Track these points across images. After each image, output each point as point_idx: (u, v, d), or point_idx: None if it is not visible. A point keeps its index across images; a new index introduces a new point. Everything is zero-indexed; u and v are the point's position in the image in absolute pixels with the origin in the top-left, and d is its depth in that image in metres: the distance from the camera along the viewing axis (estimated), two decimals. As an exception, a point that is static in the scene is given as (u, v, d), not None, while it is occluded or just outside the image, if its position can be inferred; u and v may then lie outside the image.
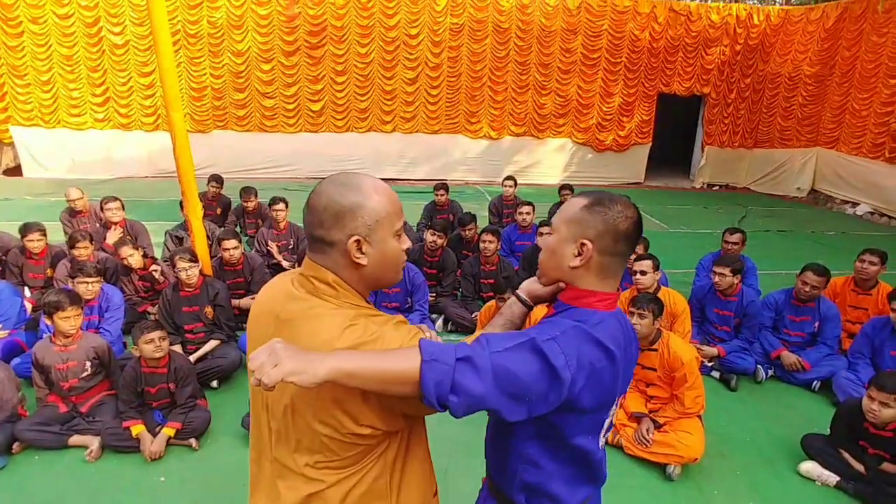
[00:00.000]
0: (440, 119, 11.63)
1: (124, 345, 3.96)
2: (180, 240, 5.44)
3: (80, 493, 2.75)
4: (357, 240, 1.07)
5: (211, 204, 6.83)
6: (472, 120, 11.74)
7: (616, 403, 1.26)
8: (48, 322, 3.21)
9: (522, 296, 1.34)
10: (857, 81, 10.21)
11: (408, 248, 1.18)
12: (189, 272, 3.78)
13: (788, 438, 3.34)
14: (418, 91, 11.39)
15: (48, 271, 4.60)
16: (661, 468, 3.02)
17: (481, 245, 4.89)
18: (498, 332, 1.14)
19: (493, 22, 11.11)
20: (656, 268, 3.93)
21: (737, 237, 4.85)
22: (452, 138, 11.82)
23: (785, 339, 4.20)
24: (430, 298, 4.89)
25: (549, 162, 12.21)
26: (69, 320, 3.09)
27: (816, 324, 4.13)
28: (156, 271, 4.56)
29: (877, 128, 9.79)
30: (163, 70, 3.64)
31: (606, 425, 1.26)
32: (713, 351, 4.10)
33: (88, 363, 3.19)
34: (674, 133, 13.54)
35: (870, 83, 9.96)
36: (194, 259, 3.85)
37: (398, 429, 1.16)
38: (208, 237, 4.88)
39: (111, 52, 10.38)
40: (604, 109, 11.88)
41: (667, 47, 11.57)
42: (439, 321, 4.82)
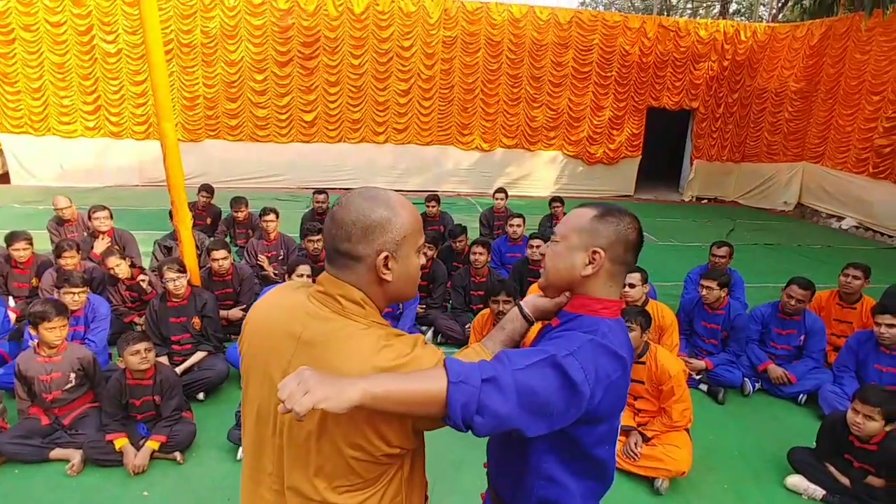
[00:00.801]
0: (432, 130, 11.69)
1: (110, 356, 3.91)
2: (169, 249, 5.40)
3: (60, 508, 2.70)
4: (386, 255, 1.06)
5: (201, 214, 6.80)
6: (464, 132, 11.81)
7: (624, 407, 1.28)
8: (33, 332, 3.16)
9: (526, 311, 1.32)
10: (842, 98, 10.41)
11: (422, 264, 1.18)
12: (177, 282, 3.76)
13: (775, 452, 3.36)
14: (411, 102, 11.45)
15: (33, 281, 4.55)
16: (648, 482, 3.02)
17: (472, 257, 4.90)
18: (510, 350, 1.12)
19: (486, 35, 11.23)
20: (645, 280, 3.97)
21: (724, 251, 4.91)
22: (444, 150, 11.87)
23: (771, 353, 4.24)
24: (420, 310, 4.89)
25: (540, 174, 12.29)
26: (55, 331, 3.05)
27: (802, 337, 4.18)
28: (143, 281, 4.52)
29: (861, 143, 9.97)
30: (155, 80, 3.64)
31: (618, 431, 1.29)
32: (701, 364, 4.12)
33: (73, 374, 3.15)
34: (663, 147, 13.69)
35: (854, 99, 10.16)
36: (182, 269, 3.82)
37: (418, 445, 1.16)
38: (197, 247, 4.86)
39: (103, 60, 10.34)
40: (594, 123, 12.01)
41: (656, 62, 11.74)
42: (429, 333, 4.81)
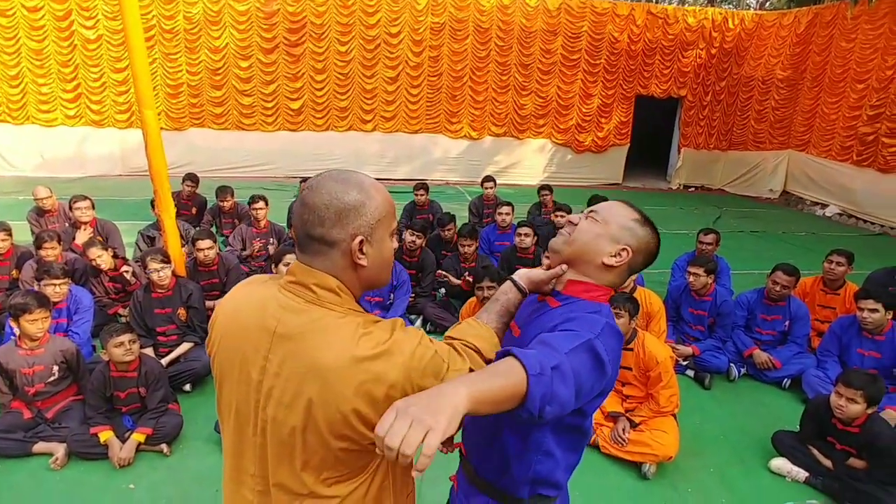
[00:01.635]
0: (421, 118, 11.60)
1: (94, 348, 3.86)
2: (152, 240, 5.32)
3: (44, 502, 2.66)
4: (361, 239, 1.04)
5: (186, 203, 6.70)
6: (453, 120, 11.73)
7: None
8: (14, 325, 3.10)
9: (520, 283, 1.32)
10: (827, 86, 10.48)
11: (395, 248, 1.17)
12: (161, 273, 3.70)
13: (760, 435, 3.41)
14: (399, 90, 11.34)
15: (13, 272, 4.45)
16: (636, 467, 3.06)
17: (459, 248, 4.89)
18: (548, 335, 1.11)
19: (474, 22, 11.12)
20: (632, 268, 3.97)
21: (711, 238, 4.94)
22: (433, 138, 11.79)
23: (757, 338, 4.29)
24: (410, 299, 4.87)
25: (529, 162, 12.27)
26: (36, 323, 3.00)
27: (787, 323, 4.23)
28: (127, 272, 4.45)
29: (845, 131, 10.07)
30: (135, 66, 3.54)
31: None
32: (688, 350, 4.16)
33: (56, 367, 3.10)
34: (651, 135, 13.73)
35: (839, 87, 10.23)
36: (166, 259, 3.76)
37: None
38: (182, 237, 4.79)
39: (83, 46, 10.09)
40: (583, 111, 11.99)
41: (645, 50, 11.72)
42: (418, 322, 4.80)
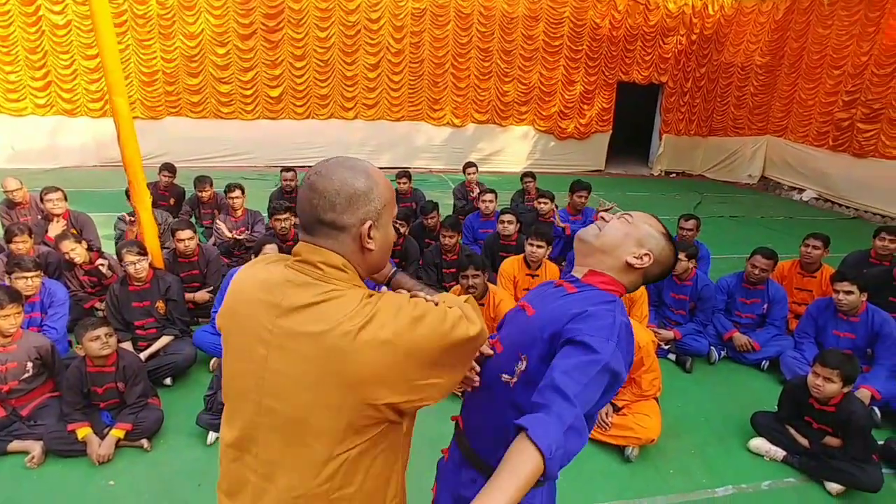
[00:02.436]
0: (403, 106, 11.48)
1: (70, 343, 3.77)
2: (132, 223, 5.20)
3: (21, 501, 2.60)
4: (370, 224, 1.07)
5: (163, 194, 6.55)
6: (436, 107, 11.63)
7: None
8: (-16, 321, 3.01)
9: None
10: (804, 72, 10.61)
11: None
12: (137, 266, 3.61)
13: (739, 416, 3.48)
14: (380, 77, 11.19)
15: (-17, 267, 4.32)
16: (619, 450, 3.10)
17: (441, 240, 4.85)
18: (561, 365, 1.13)
19: (456, 7, 10.99)
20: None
21: (691, 223, 4.99)
22: (415, 125, 11.68)
23: (736, 322, 4.36)
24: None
25: (512, 150, 12.25)
26: (9, 318, 2.92)
27: (765, 306, 4.31)
28: (102, 265, 4.34)
29: (821, 117, 10.21)
30: (104, 52, 3.43)
31: None
32: (669, 334, 4.21)
33: (30, 364, 3.02)
34: (633, 121, 13.79)
35: (815, 74, 10.36)
36: (143, 252, 3.68)
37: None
38: (160, 227, 4.69)
39: (52, 32, 9.74)
40: (565, 97, 11.98)
41: (626, 36, 11.72)
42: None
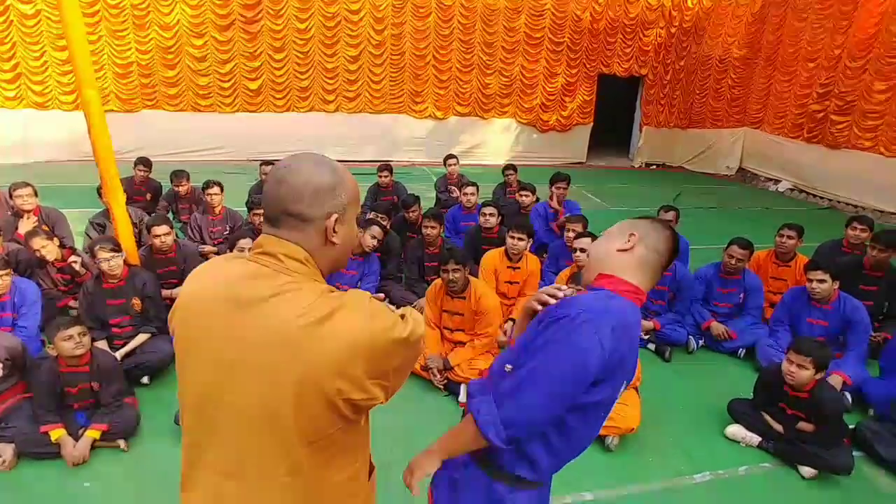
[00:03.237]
0: (384, 98, 11.37)
1: (43, 343, 3.68)
2: (103, 227, 5.08)
3: (-7, 504, 2.55)
4: (336, 217, 1.08)
5: (139, 189, 6.42)
6: (418, 100, 11.55)
7: None
8: (-50, 322, 2.92)
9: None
10: (780, 64, 10.77)
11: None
12: (112, 263, 3.53)
13: (716, 404, 3.54)
14: (361, 69, 11.07)
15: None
16: (600, 440, 3.13)
17: (423, 231, 4.84)
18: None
19: (436, -1, 10.91)
20: (595, 245, 4.02)
21: (670, 215, 5.05)
22: (397, 118, 11.60)
23: (714, 311, 4.44)
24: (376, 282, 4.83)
25: (494, 142, 12.23)
26: (-25, 319, 2.84)
27: (742, 295, 4.39)
28: (75, 263, 4.24)
29: (796, 109, 10.39)
30: (72, 42, 3.32)
31: None
32: (649, 325, 4.26)
33: (0, 365, 2.95)
34: (614, 114, 13.88)
35: (791, 66, 10.53)
36: (117, 248, 3.59)
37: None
38: (135, 224, 4.59)
39: (20, 22, 9.42)
40: (547, 90, 11.99)
41: (607, 28, 11.76)
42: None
